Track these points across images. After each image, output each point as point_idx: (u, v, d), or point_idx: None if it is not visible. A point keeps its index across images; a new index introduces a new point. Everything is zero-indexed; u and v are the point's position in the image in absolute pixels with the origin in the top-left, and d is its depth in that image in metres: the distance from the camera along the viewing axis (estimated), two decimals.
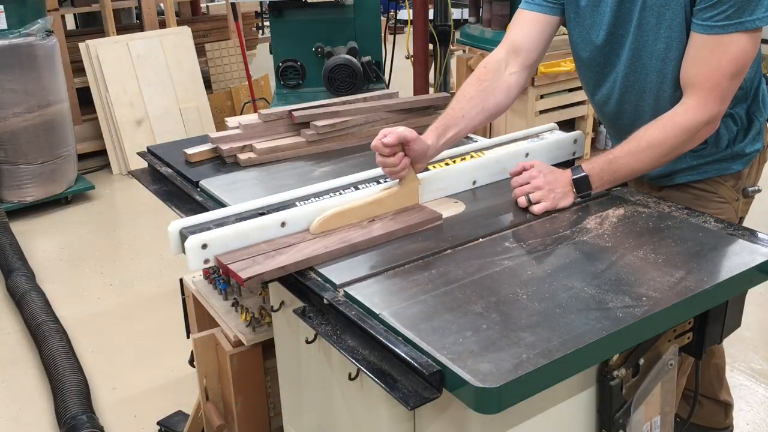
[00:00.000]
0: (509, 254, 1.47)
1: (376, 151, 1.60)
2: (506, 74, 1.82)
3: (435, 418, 1.28)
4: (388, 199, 1.64)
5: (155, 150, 2.15)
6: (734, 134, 1.79)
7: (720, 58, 1.57)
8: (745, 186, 1.84)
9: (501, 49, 1.85)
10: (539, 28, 1.83)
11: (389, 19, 4.68)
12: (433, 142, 1.69)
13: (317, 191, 1.72)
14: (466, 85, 1.82)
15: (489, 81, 1.80)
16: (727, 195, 1.84)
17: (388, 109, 2.18)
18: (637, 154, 1.64)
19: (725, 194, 1.84)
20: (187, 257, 1.46)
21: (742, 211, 1.87)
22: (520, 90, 1.85)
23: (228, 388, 1.96)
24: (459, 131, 1.74)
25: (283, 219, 1.55)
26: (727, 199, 1.84)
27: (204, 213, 1.62)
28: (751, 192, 1.85)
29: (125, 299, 3.60)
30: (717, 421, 2.28)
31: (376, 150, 1.60)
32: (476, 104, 1.76)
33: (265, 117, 2.10)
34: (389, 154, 1.59)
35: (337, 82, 3.33)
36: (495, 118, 1.85)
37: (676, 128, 1.62)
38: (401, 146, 1.60)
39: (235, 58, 6.04)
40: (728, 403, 2.28)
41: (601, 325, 1.21)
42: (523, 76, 1.83)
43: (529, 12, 1.84)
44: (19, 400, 2.88)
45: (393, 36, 4.37)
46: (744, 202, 1.86)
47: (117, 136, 5.16)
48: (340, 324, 1.32)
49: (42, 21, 4.40)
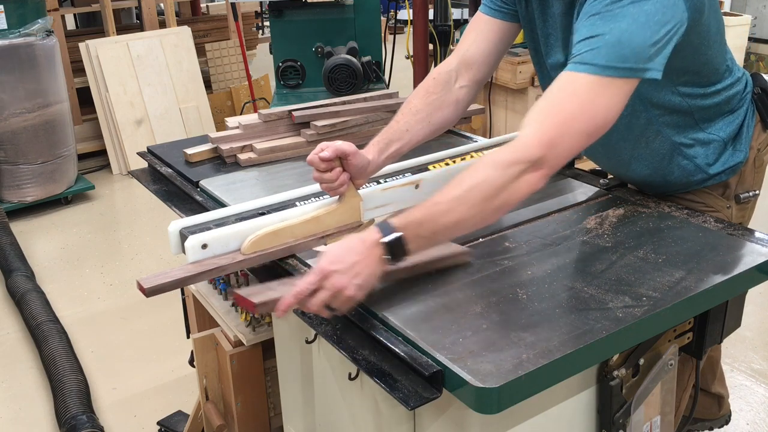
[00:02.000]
0: (509, 254, 1.47)
1: (311, 165, 1.48)
2: (456, 87, 1.70)
3: (435, 418, 1.28)
4: (326, 217, 1.53)
5: (155, 150, 2.15)
6: (701, 165, 1.69)
7: (564, 93, 1.34)
8: (737, 193, 1.76)
9: (453, 60, 1.73)
10: (496, 37, 1.72)
11: (389, 19, 4.68)
12: (374, 157, 1.56)
13: (317, 191, 1.68)
14: (413, 96, 1.70)
15: (438, 94, 1.68)
16: (715, 204, 1.75)
17: (388, 109, 2.19)
18: (459, 198, 1.31)
19: (713, 203, 1.75)
20: (187, 257, 1.45)
21: (738, 217, 1.78)
22: (467, 105, 1.74)
23: (228, 388, 1.96)
24: (402, 146, 1.62)
25: (283, 218, 1.54)
26: (716, 207, 1.76)
27: (204, 213, 1.61)
28: (744, 198, 1.76)
29: (125, 299, 3.60)
30: (711, 413, 2.28)
31: (312, 164, 1.48)
32: (422, 119, 1.65)
33: (265, 117, 2.10)
34: (326, 169, 1.47)
35: (337, 82, 3.33)
36: (440, 132, 1.72)
37: (494, 164, 1.34)
38: (339, 161, 1.49)
39: (235, 58, 6.05)
40: (721, 395, 2.27)
41: (601, 325, 1.21)
42: (472, 91, 1.73)
43: (487, 17, 1.73)
44: (19, 400, 2.88)
45: (393, 36, 4.37)
46: (738, 208, 1.78)
47: (117, 136, 5.16)
48: (340, 324, 1.32)
49: (42, 21, 4.40)
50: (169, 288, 1.40)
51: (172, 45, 5.37)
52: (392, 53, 4.08)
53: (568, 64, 1.37)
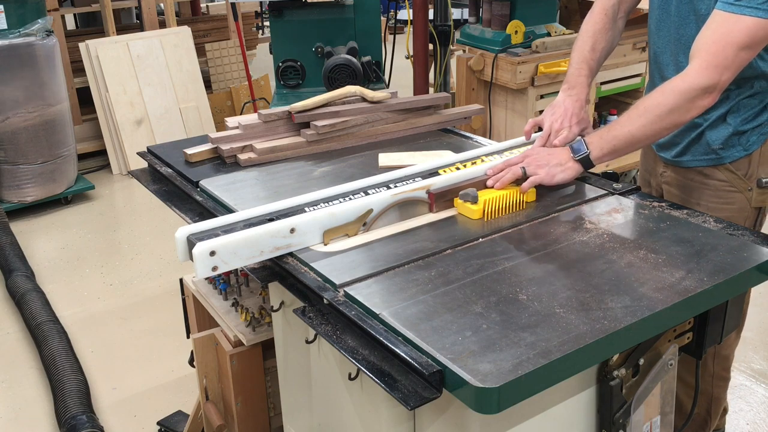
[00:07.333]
0: (509, 254, 1.47)
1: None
2: (618, 18, 2.02)
3: (435, 418, 1.28)
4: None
5: (155, 150, 2.15)
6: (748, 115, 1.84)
7: (730, 28, 1.60)
8: (759, 177, 1.86)
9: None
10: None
11: (389, 19, 4.68)
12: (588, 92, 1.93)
13: (326, 196, 1.67)
14: (592, 35, 1.98)
15: (612, 31, 2.00)
16: (737, 184, 1.87)
17: (388, 109, 2.18)
18: (635, 119, 1.67)
19: (735, 183, 1.87)
20: (195, 265, 1.43)
21: (758, 201, 1.89)
22: (621, 33, 2.07)
23: (228, 388, 1.96)
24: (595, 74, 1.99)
25: (293, 225, 1.52)
26: (737, 187, 1.87)
27: (212, 219, 1.58)
28: (766, 183, 1.86)
29: (125, 299, 3.60)
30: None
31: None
32: (604, 47, 1.99)
33: (265, 117, 2.10)
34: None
35: (337, 82, 3.32)
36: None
37: (673, 91, 1.64)
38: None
39: (235, 58, 6.05)
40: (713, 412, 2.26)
41: (601, 325, 1.21)
42: (624, 22, 2.05)
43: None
44: (19, 400, 2.88)
45: (393, 36, 4.37)
46: (759, 192, 1.88)
47: (117, 136, 5.16)
48: (340, 324, 1.32)
49: (42, 21, 4.40)
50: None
51: (172, 45, 5.37)
52: (392, 53, 4.08)
53: (719, 5, 1.63)
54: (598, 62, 1.97)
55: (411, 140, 2.18)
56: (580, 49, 1.97)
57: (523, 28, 3.69)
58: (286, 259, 1.51)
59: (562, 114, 1.86)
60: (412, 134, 2.22)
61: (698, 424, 2.18)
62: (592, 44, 1.96)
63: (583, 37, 1.99)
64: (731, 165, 1.86)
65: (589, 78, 1.94)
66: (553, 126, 1.85)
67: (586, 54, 1.95)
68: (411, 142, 2.16)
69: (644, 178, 2.16)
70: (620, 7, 2.02)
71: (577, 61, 1.96)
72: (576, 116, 1.86)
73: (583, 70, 1.94)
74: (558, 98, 1.93)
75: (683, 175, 1.95)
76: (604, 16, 1.99)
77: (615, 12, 2.00)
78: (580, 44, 1.98)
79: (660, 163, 2.03)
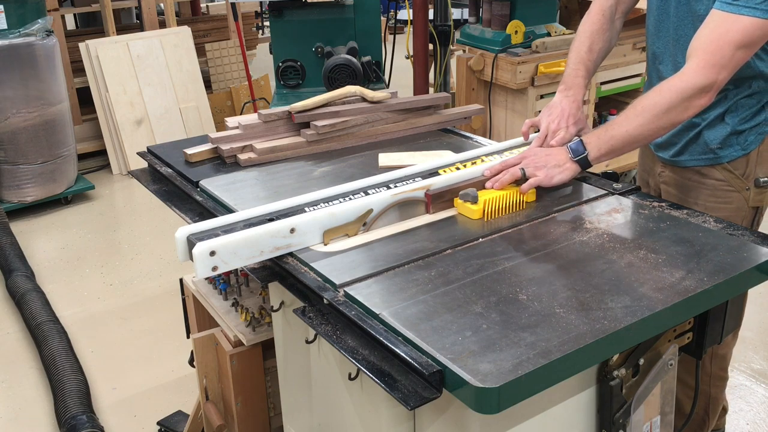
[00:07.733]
0: (509, 254, 1.47)
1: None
2: (616, 19, 2.02)
3: (435, 418, 1.28)
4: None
5: (155, 150, 2.15)
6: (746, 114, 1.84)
7: (728, 27, 1.61)
8: (757, 176, 1.86)
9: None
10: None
11: (389, 19, 4.68)
12: (584, 94, 1.94)
13: (326, 196, 1.67)
14: (588, 36, 1.99)
15: (609, 31, 2.00)
16: (734, 183, 1.87)
17: (388, 109, 2.18)
18: (632, 119, 1.67)
19: (732, 182, 1.87)
20: (195, 265, 1.43)
21: (756, 200, 1.89)
22: (619, 33, 2.08)
23: (228, 388, 1.96)
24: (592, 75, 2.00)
25: (292, 225, 1.52)
26: (735, 186, 1.87)
27: (212, 219, 1.58)
28: (764, 182, 1.87)
29: (125, 299, 3.60)
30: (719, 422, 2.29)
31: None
32: (601, 48, 1.99)
33: (265, 117, 2.10)
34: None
35: (337, 82, 3.32)
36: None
37: (670, 90, 1.65)
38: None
39: (235, 58, 6.05)
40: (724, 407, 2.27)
41: (601, 325, 1.21)
42: (622, 22, 2.05)
43: None
44: (19, 400, 2.88)
45: (393, 36, 4.37)
46: (757, 192, 1.88)
47: (117, 136, 5.16)
48: (340, 324, 1.32)
49: (42, 21, 4.40)
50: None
51: (172, 45, 5.37)
52: (392, 53, 4.08)
53: (717, 4, 1.64)
54: (595, 63, 1.97)
55: (411, 140, 2.18)
56: (577, 49, 1.97)
57: (523, 28, 3.69)
58: (286, 259, 1.51)
59: (558, 114, 1.86)
60: (412, 134, 2.22)
61: (697, 424, 2.19)
62: (589, 45, 1.96)
63: (580, 37, 1.99)
64: (729, 164, 1.86)
65: (586, 79, 1.94)
66: (550, 126, 1.85)
67: (583, 55, 1.95)
68: (411, 142, 2.16)
69: (643, 177, 2.16)
70: (618, 7, 2.02)
71: (574, 62, 1.96)
72: (573, 117, 1.86)
73: (579, 71, 1.94)
74: (555, 99, 1.92)
75: (681, 174, 1.95)
76: (601, 17, 1.99)
77: (612, 13, 2.00)
78: (577, 45, 1.98)
79: (658, 163, 2.03)
